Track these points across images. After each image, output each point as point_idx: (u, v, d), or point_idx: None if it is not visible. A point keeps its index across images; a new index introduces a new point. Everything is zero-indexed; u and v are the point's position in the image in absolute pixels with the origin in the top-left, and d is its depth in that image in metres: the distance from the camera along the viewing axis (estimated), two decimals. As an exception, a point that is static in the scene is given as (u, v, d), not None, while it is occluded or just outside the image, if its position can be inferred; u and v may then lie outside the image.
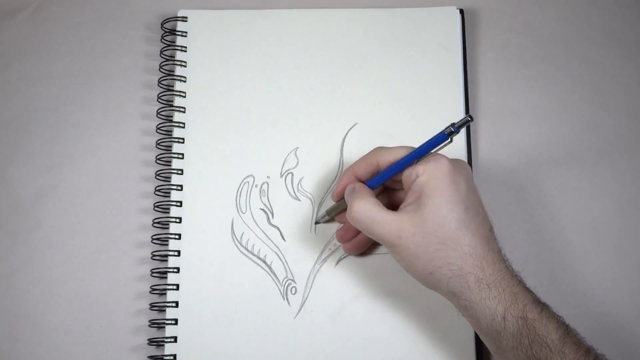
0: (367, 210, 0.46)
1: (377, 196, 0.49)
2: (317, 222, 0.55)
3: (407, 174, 0.46)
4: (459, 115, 0.57)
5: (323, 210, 0.55)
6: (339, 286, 0.54)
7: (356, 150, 0.56)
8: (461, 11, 0.60)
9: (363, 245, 0.53)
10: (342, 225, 0.53)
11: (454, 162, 0.46)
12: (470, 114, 0.42)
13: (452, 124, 0.44)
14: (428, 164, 0.45)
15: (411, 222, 0.44)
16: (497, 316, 0.42)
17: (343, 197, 0.50)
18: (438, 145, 0.45)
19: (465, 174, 0.46)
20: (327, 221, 0.55)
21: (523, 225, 0.56)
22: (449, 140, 0.45)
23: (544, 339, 0.41)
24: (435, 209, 0.44)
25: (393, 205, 0.50)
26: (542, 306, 0.43)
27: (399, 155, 0.47)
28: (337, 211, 0.53)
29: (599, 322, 0.53)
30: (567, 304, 0.53)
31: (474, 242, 0.44)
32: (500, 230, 0.55)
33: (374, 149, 0.49)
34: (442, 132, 0.44)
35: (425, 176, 0.45)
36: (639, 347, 0.52)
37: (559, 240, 0.55)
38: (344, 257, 0.54)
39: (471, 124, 0.57)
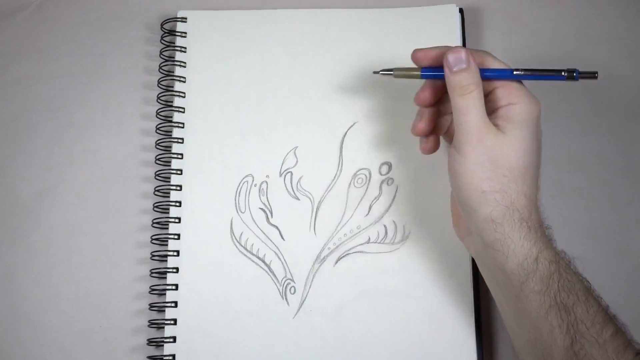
0: (479, 98, 0.44)
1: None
2: (376, 72, 0.51)
3: (503, 94, 0.45)
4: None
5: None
6: (338, 286, 0.54)
7: (355, 149, 0.56)
8: (461, 10, 0.60)
9: (434, 118, 0.51)
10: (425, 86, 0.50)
11: (537, 102, 0.46)
12: (597, 71, 0.44)
13: (577, 70, 0.45)
14: (525, 97, 0.45)
15: (495, 137, 0.44)
16: (530, 256, 0.43)
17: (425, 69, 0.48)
18: (549, 80, 0.46)
19: (539, 118, 0.46)
20: (388, 74, 0.50)
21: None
22: (565, 80, 0.45)
23: (572, 286, 0.42)
24: (519, 141, 0.44)
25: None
26: (569, 259, 0.44)
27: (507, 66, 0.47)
28: (410, 76, 0.50)
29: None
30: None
31: (532, 188, 0.44)
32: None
33: (483, 51, 0.48)
34: (561, 71, 0.45)
35: (519, 107, 0.44)
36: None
37: (560, 240, 0.55)
38: (343, 257, 0.54)
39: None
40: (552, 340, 0.41)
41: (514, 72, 0.46)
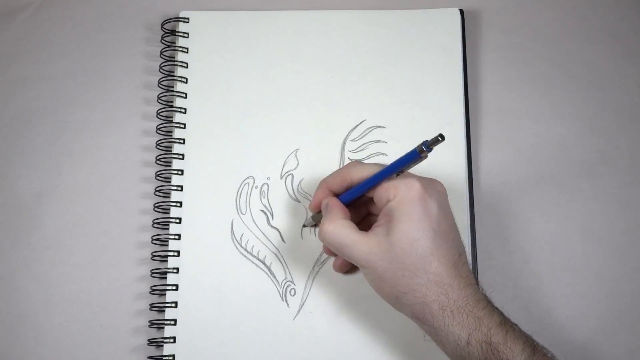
0: (336, 232, 0.46)
1: (360, 207, 0.51)
2: (304, 226, 0.55)
3: (379, 196, 0.46)
4: (459, 115, 0.57)
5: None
6: (338, 288, 0.54)
7: (356, 151, 0.56)
8: (461, 12, 0.60)
9: (346, 265, 0.53)
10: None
11: (427, 184, 0.45)
12: (441, 133, 0.41)
13: (425, 142, 0.43)
14: (399, 187, 0.45)
15: (379, 247, 0.44)
16: (461, 341, 0.42)
17: (320, 210, 0.51)
18: (410, 163, 0.45)
19: (438, 196, 0.45)
20: (313, 226, 0.55)
21: (523, 225, 0.56)
22: (421, 157, 0.44)
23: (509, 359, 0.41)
24: (403, 236, 0.43)
25: (373, 215, 0.51)
26: (508, 327, 0.42)
27: (372, 171, 0.47)
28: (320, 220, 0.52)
29: (599, 323, 0.53)
30: (565, 305, 0.53)
31: (440, 269, 0.43)
32: (501, 230, 0.55)
33: (349, 164, 0.50)
34: (414, 150, 0.43)
35: (396, 201, 0.45)
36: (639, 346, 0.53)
37: (560, 240, 0.55)
38: (344, 259, 0.54)
39: (472, 124, 0.57)
40: None
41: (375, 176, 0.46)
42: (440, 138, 0.42)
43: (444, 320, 0.43)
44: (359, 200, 0.50)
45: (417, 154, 0.43)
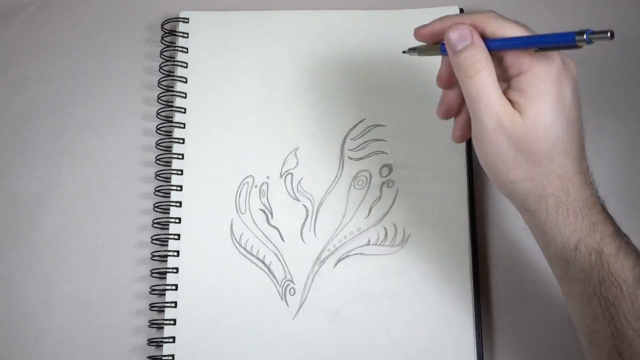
0: (487, 76, 0.39)
1: None
2: (405, 52, 0.49)
3: (511, 63, 0.40)
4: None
5: None
6: (338, 287, 0.54)
7: (356, 150, 0.56)
8: (461, 10, 0.60)
9: (452, 83, 0.45)
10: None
11: (565, 63, 0.40)
12: (612, 30, 0.36)
13: (589, 30, 0.36)
14: (537, 59, 0.39)
15: (512, 121, 0.39)
16: (569, 245, 0.39)
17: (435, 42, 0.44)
18: (560, 46, 0.38)
19: (573, 80, 0.40)
20: (413, 54, 0.48)
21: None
22: (577, 46, 0.37)
23: (616, 278, 0.38)
24: (537, 119, 0.39)
25: None
26: (622, 240, 0.39)
27: (514, 32, 0.40)
28: (431, 53, 0.46)
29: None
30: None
31: (566, 162, 0.40)
32: (503, 227, 0.55)
33: (485, 12, 0.42)
34: (571, 34, 0.37)
35: (531, 74, 0.39)
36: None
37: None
38: (343, 259, 0.54)
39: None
40: (597, 325, 0.39)
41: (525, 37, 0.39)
42: (610, 35, 0.36)
43: (557, 218, 0.40)
44: None
45: (573, 41, 0.37)
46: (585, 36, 0.37)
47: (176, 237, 0.55)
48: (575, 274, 0.39)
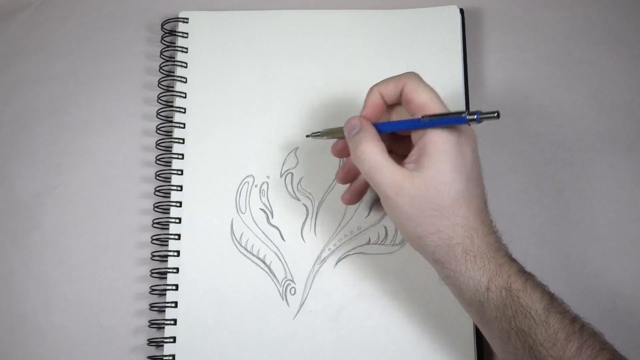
0: (374, 153, 0.44)
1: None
2: (308, 136, 0.53)
3: (417, 131, 0.44)
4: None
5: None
6: (338, 287, 0.54)
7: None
8: (461, 11, 0.60)
9: (360, 193, 0.51)
10: (342, 166, 0.52)
11: (463, 129, 0.44)
12: (498, 111, 0.41)
13: (478, 112, 0.41)
14: (438, 128, 0.43)
15: (411, 182, 0.43)
16: (480, 287, 0.42)
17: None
18: (453, 125, 0.43)
19: (472, 143, 0.44)
20: (317, 137, 0.52)
21: (526, 225, 0.55)
22: (468, 125, 0.43)
23: (527, 310, 0.41)
24: (438, 175, 0.42)
25: (392, 152, 0.48)
26: (527, 276, 0.42)
27: (425, 99, 0.44)
28: (335, 136, 0.50)
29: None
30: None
31: (468, 213, 0.43)
32: (504, 229, 0.55)
33: (407, 75, 0.46)
34: (462, 117, 0.42)
35: (433, 138, 0.43)
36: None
37: (561, 241, 0.55)
38: (344, 258, 0.54)
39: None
40: (520, 359, 0.42)
41: (421, 118, 0.44)
42: (496, 115, 0.41)
43: (466, 264, 0.42)
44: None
45: (465, 121, 0.42)
46: (476, 118, 0.41)
47: (176, 237, 0.55)
48: (492, 313, 0.42)
